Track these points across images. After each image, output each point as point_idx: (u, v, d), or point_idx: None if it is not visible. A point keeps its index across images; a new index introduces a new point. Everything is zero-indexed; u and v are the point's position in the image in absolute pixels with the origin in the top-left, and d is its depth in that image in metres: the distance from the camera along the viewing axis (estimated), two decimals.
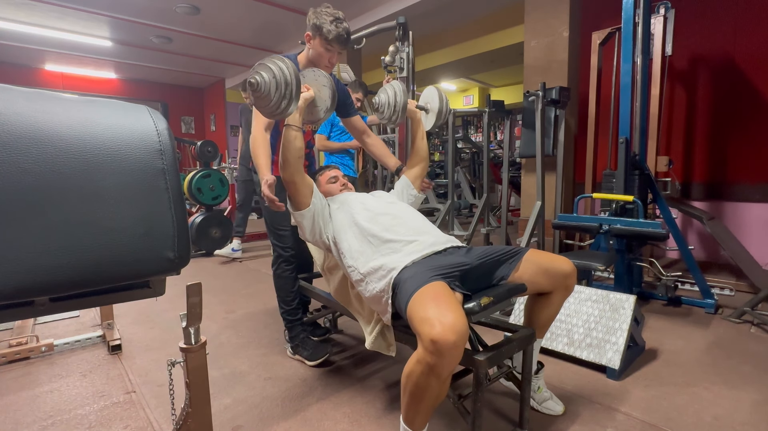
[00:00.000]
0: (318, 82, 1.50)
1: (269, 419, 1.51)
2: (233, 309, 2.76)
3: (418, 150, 1.86)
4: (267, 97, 1.28)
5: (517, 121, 5.40)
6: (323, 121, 1.60)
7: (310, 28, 1.73)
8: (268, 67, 1.28)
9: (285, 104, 1.30)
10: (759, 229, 3.12)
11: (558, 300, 1.40)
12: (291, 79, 1.28)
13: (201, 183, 4.57)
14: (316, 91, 1.50)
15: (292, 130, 1.43)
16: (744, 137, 3.13)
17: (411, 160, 1.88)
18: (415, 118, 1.85)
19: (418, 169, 1.86)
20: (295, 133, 1.43)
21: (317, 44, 1.73)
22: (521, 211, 3.78)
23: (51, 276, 0.61)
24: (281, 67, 1.27)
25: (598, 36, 3.27)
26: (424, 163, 1.87)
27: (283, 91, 1.27)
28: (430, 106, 1.88)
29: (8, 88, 0.64)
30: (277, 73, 1.27)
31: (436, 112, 1.86)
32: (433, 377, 1.02)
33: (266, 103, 1.30)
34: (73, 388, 1.75)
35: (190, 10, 4.84)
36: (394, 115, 1.75)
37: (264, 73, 1.27)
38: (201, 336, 1.00)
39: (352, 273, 1.44)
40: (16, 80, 6.92)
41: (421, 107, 1.88)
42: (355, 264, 1.43)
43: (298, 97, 1.32)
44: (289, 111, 1.33)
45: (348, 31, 1.74)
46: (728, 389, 1.66)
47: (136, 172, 0.69)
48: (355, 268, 1.42)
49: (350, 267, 1.45)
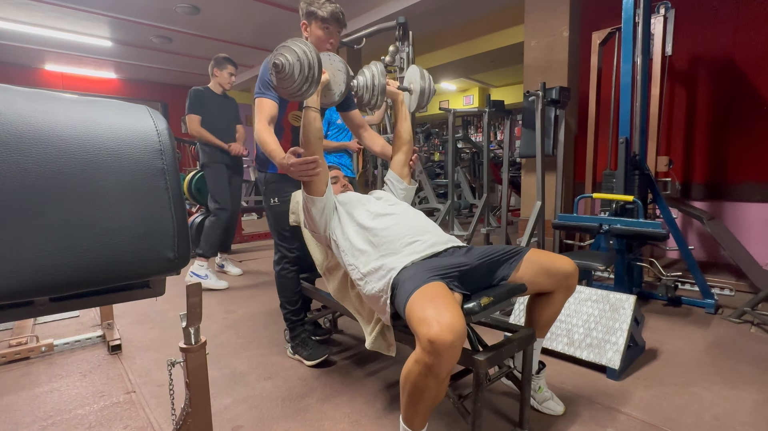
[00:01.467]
0: (333, 66, 1.51)
1: (269, 419, 1.51)
2: (233, 309, 2.76)
3: (401, 133, 1.79)
4: (290, 78, 1.29)
5: (517, 121, 5.39)
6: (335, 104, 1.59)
7: (304, 16, 1.74)
8: (292, 50, 1.28)
9: (306, 87, 1.31)
10: (759, 229, 3.12)
11: (559, 300, 1.40)
12: (314, 62, 1.29)
13: (201, 183, 4.56)
14: (331, 75, 1.51)
15: (312, 111, 1.44)
16: (744, 137, 3.13)
17: (394, 145, 1.81)
18: (397, 100, 1.76)
19: (401, 155, 1.79)
20: (315, 113, 1.44)
21: (314, 29, 1.73)
22: (521, 211, 3.78)
23: (51, 276, 0.61)
24: (305, 50, 1.28)
25: (598, 36, 3.27)
26: (408, 146, 1.80)
27: (306, 73, 1.28)
28: (412, 86, 1.79)
29: (8, 88, 0.64)
30: (301, 56, 1.27)
31: (419, 92, 1.77)
32: (432, 377, 1.02)
33: (289, 84, 1.31)
34: (73, 388, 1.75)
35: (190, 10, 4.84)
36: (373, 98, 1.63)
37: (288, 55, 1.28)
38: (201, 336, 1.00)
39: (352, 272, 1.44)
40: (16, 80, 6.92)
41: (404, 88, 1.79)
42: (356, 263, 1.43)
43: (319, 79, 1.33)
44: (310, 93, 1.34)
45: (341, 9, 1.74)
46: (728, 389, 1.66)
47: (136, 172, 0.69)
48: (356, 267, 1.42)
49: (351, 265, 1.45)
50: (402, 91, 1.78)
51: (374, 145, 1.97)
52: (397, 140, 1.80)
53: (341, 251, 1.51)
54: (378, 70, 1.65)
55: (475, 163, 6.96)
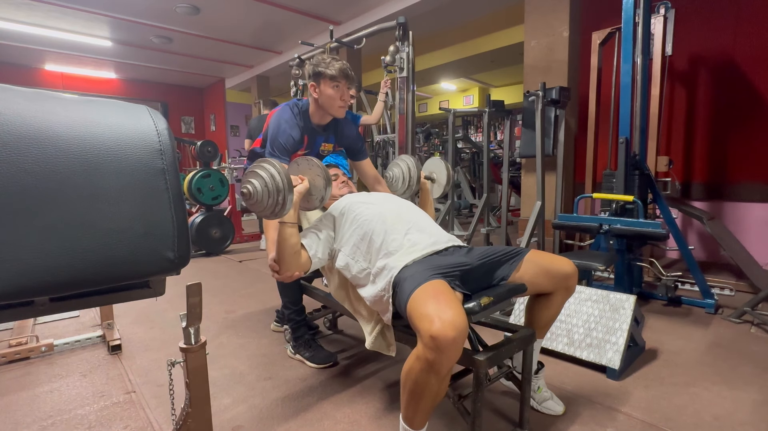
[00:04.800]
0: (312, 172, 1.46)
1: (269, 419, 1.51)
2: (233, 309, 2.76)
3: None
4: (260, 203, 1.30)
5: (517, 121, 5.40)
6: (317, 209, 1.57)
7: (312, 78, 1.73)
8: (259, 175, 1.28)
9: (279, 208, 1.30)
10: (759, 229, 3.12)
11: (559, 300, 1.40)
12: (282, 185, 1.27)
13: (201, 183, 4.57)
14: (310, 179, 1.45)
15: (288, 227, 1.39)
16: (744, 137, 3.13)
17: None
18: (424, 188, 1.92)
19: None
20: (291, 230, 1.39)
21: (324, 88, 1.71)
22: (521, 211, 3.78)
23: (51, 277, 0.61)
24: (272, 174, 1.27)
25: (598, 36, 3.27)
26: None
27: (276, 197, 1.28)
28: (436, 176, 1.99)
29: (8, 88, 0.64)
30: (268, 181, 1.27)
31: (444, 183, 1.97)
32: (433, 374, 1.02)
33: (261, 209, 1.32)
34: (73, 388, 1.75)
35: (190, 10, 4.84)
36: (408, 189, 1.89)
37: (255, 182, 1.29)
38: (201, 336, 1.00)
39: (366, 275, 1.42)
40: (16, 80, 6.92)
41: (429, 177, 1.97)
42: (368, 265, 1.42)
43: (291, 199, 1.31)
44: (284, 212, 1.32)
45: (349, 66, 1.74)
46: (728, 389, 1.66)
47: (136, 172, 0.69)
48: (369, 269, 1.41)
49: (365, 269, 1.42)
50: (427, 180, 1.95)
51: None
52: None
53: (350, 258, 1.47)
54: (412, 162, 1.87)
55: (475, 163, 6.96)
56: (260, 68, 7.25)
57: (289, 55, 6.07)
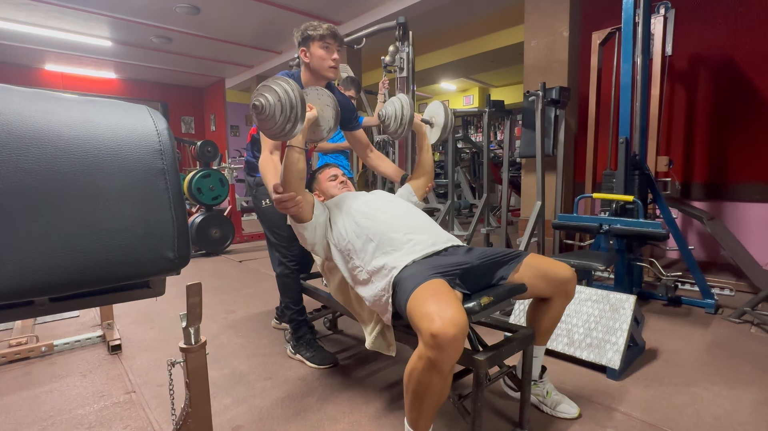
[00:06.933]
0: (321, 101, 1.46)
1: (269, 419, 1.51)
2: (233, 309, 2.76)
3: (423, 163, 1.86)
4: (272, 119, 1.24)
5: (517, 121, 5.39)
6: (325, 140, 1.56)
7: (302, 42, 1.72)
8: (273, 89, 1.24)
9: (290, 127, 1.26)
10: (759, 229, 3.12)
11: (558, 305, 1.40)
12: (296, 101, 1.24)
13: (201, 183, 4.57)
14: (319, 110, 1.45)
15: (295, 152, 1.39)
16: (744, 137, 3.13)
17: (416, 172, 1.87)
18: (420, 131, 1.85)
19: (422, 181, 1.85)
20: (298, 155, 1.39)
21: (314, 49, 1.71)
22: (521, 211, 3.78)
23: (51, 277, 0.61)
24: (286, 89, 1.23)
25: (598, 36, 3.27)
26: (428, 176, 1.86)
27: (288, 113, 1.24)
28: (435, 120, 1.89)
29: (8, 88, 0.64)
30: (282, 96, 1.23)
31: (441, 126, 1.88)
32: (435, 373, 1.02)
33: (270, 125, 1.26)
34: (73, 388, 1.75)
35: (190, 10, 4.84)
36: (400, 128, 1.75)
37: (269, 96, 1.23)
38: (201, 336, 1.00)
39: (359, 273, 1.43)
40: (16, 80, 6.92)
41: (426, 121, 1.88)
42: (362, 264, 1.42)
43: (303, 118, 1.28)
44: (294, 133, 1.29)
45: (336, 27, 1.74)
46: (728, 389, 1.66)
47: (136, 172, 0.69)
48: (362, 268, 1.41)
49: (358, 268, 1.43)
50: (425, 123, 1.87)
51: (382, 166, 1.98)
52: (419, 168, 1.87)
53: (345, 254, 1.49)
54: (407, 101, 1.73)
55: (475, 163, 6.96)
56: (260, 68, 7.25)
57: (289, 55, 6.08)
